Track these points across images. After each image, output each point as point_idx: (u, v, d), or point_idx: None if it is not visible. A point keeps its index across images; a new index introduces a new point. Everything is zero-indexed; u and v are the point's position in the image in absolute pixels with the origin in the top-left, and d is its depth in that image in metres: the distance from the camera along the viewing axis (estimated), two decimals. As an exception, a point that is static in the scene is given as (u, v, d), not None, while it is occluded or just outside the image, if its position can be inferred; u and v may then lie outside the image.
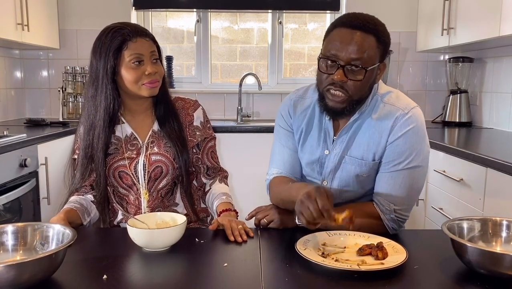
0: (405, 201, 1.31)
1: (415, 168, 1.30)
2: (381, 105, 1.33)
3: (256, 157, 2.42)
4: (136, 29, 1.39)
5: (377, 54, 1.26)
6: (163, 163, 1.45)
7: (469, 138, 2.74)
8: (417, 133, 1.30)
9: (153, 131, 1.49)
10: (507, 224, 1.13)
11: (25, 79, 3.56)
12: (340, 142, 1.36)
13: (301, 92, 1.49)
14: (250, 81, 3.66)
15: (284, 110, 1.48)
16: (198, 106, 1.56)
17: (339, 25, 1.26)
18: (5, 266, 0.86)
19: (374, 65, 1.25)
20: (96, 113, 1.41)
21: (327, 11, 3.64)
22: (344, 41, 1.22)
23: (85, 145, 1.44)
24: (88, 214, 1.44)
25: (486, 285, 0.97)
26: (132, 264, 1.10)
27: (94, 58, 1.40)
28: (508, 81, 2.88)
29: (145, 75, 1.39)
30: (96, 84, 1.40)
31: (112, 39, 1.37)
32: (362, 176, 1.35)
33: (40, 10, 3.13)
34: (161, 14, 3.76)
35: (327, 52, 1.25)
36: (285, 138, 1.46)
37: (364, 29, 1.23)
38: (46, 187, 2.54)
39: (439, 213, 2.34)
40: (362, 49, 1.22)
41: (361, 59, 1.22)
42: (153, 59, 1.41)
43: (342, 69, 1.22)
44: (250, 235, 1.25)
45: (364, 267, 1.02)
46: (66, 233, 1.04)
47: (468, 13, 2.74)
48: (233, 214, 1.39)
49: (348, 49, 1.22)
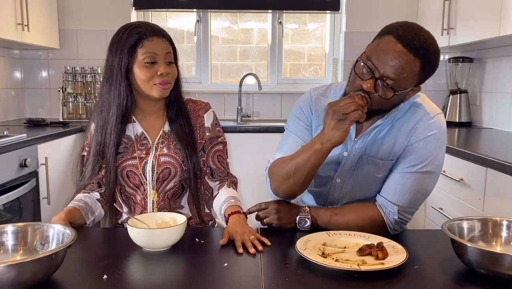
0: (411, 204, 1.30)
1: (428, 173, 1.30)
2: (407, 107, 1.32)
3: (256, 157, 2.42)
4: (153, 29, 1.40)
5: (415, 80, 1.20)
6: (171, 165, 1.45)
7: (469, 138, 2.74)
8: (438, 139, 1.29)
9: (163, 132, 1.49)
10: (507, 224, 1.13)
11: (25, 79, 3.56)
12: (360, 143, 1.34)
13: (322, 91, 1.44)
14: (250, 81, 3.66)
15: (305, 106, 1.43)
16: (209, 108, 1.55)
17: (394, 34, 1.17)
18: (5, 266, 0.86)
19: (406, 89, 1.20)
20: (109, 109, 1.42)
21: (327, 11, 3.64)
22: (388, 55, 1.15)
23: (97, 140, 1.44)
24: (92, 212, 1.43)
25: (486, 285, 0.97)
26: (132, 264, 1.10)
27: (110, 54, 1.41)
28: (508, 81, 2.88)
29: (157, 75, 1.39)
30: (110, 81, 1.41)
31: (128, 36, 1.38)
32: (377, 176, 1.34)
33: (40, 10, 3.13)
34: (161, 14, 3.76)
35: (368, 58, 1.19)
36: (301, 133, 1.41)
37: (414, 52, 1.15)
38: (46, 187, 2.54)
39: (439, 213, 2.34)
40: (401, 71, 1.16)
41: (395, 81, 1.16)
42: (167, 61, 1.41)
43: (374, 81, 1.18)
44: (267, 244, 1.17)
45: (364, 267, 1.02)
46: (66, 233, 1.04)
47: (468, 13, 2.74)
48: (242, 216, 1.31)
49: (388, 65, 1.15)
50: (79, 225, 1.36)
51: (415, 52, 1.15)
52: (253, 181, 2.32)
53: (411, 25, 1.19)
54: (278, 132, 2.98)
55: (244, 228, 1.22)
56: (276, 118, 3.65)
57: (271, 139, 2.91)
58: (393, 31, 1.18)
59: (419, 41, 1.16)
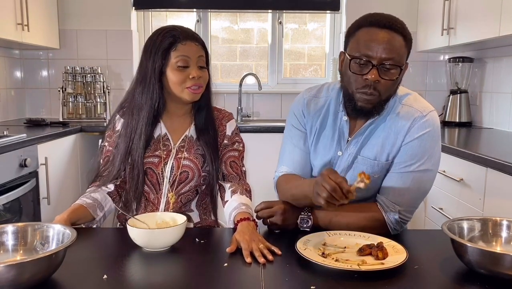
0: (410, 203, 1.31)
1: (426, 171, 1.30)
2: (399, 107, 1.33)
3: (256, 157, 2.42)
4: (187, 33, 1.42)
5: (405, 53, 1.26)
6: (190, 169, 1.46)
7: (469, 138, 2.74)
8: (433, 137, 1.30)
9: (186, 136, 1.50)
10: (507, 224, 1.13)
11: (25, 79, 3.56)
12: (355, 143, 1.35)
13: (314, 92, 1.46)
14: (250, 81, 3.66)
15: (297, 109, 1.46)
16: (232, 118, 1.57)
17: (366, 25, 1.25)
18: (5, 266, 0.86)
19: (403, 65, 1.26)
20: (141, 110, 1.44)
21: (327, 11, 3.64)
22: (375, 41, 1.22)
23: (125, 140, 1.45)
24: (102, 208, 1.42)
25: (486, 285, 0.97)
26: (132, 264, 1.10)
27: (144, 57, 1.43)
28: (508, 81, 2.88)
29: (189, 79, 1.40)
30: (144, 83, 1.43)
31: (162, 39, 1.40)
32: (374, 176, 1.34)
33: (40, 10, 3.13)
34: (161, 14, 3.76)
35: (357, 53, 1.24)
36: (297, 139, 1.44)
37: (392, 29, 1.23)
38: (46, 187, 2.54)
39: (439, 213, 2.34)
40: (393, 48, 1.22)
41: (393, 59, 1.22)
42: (199, 65, 1.43)
43: (376, 69, 1.22)
44: (277, 253, 1.12)
45: (364, 267, 1.02)
46: (66, 233, 1.04)
47: (468, 13, 2.74)
48: (252, 224, 1.26)
49: (380, 49, 1.21)
50: (86, 222, 1.37)
51: (392, 28, 1.23)
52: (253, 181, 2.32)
53: (373, 13, 1.29)
54: (278, 132, 2.97)
55: (253, 236, 1.18)
56: (276, 118, 3.65)
57: (271, 140, 2.91)
58: (363, 23, 1.26)
59: (388, 19, 1.25)
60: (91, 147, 3.12)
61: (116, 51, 3.48)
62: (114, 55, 3.49)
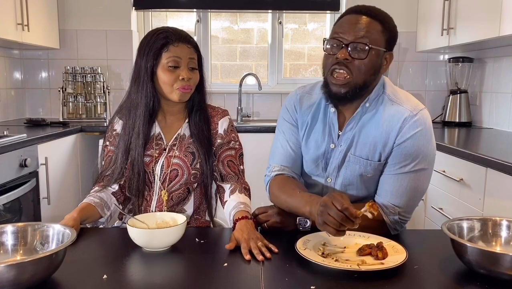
0: (409, 203, 1.31)
1: (421, 171, 1.30)
2: (389, 104, 1.33)
3: (256, 157, 2.42)
4: (180, 35, 1.44)
5: (382, 39, 1.28)
6: (179, 166, 1.47)
7: (469, 138, 2.74)
8: (425, 136, 1.30)
9: (178, 134, 1.51)
10: (507, 224, 1.13)
11: (25, 79, 3.56)
12: (346, 138, 1.35)
13: (308, 89, 1.48)
14: (250, 81, 3.66)
15: (289, 104, 1.48)
16: (225, 115, 1.57)
17: (347, 12, 1.31)
18: (5, 266, 0.86)
19: (379, 47, 1.26)
20: (137, 109, 1.46)
21: (327, 11, 3.64)
22: (350, 24, 1.26)
23: (124, 139, 1.47)
24: (108, 207, 1.44)
25: (486, 285, 0.97)
26: (132, 264, 1.10)
27: (138, 56, 1.46)
28: (508, 81, 2.88)
29: (179, 80, 1.42)
30: (138, 82, 1.46)
31: (155, 39, 1.43)
32: (366, 175, 1.34)
33: (40, 10, 3.13)
34: (161, 14, 3.76)
35: (332, 35, 1.29)
36: (289, 133, 1.46)
37: (369, 14, 1.27)
38: (46, 187, 2.54)
39: (439, 213, 2.34)
40: (366, 29, 1.25)
41: (364, 38, 1.24)
42: (190, 66, 1.44)
43: (346, 48, 1.25)
44: (274, 251, 1.14)
45: (364, 267, 1.02)
46: (66, 233, 1.04)
47: (468, 13, 2.74)
48: (250, 222, 1.28)
49: (352, 30, 1.25)
50: (96, 220, 1.40)
51: (371, 14, 1.27)
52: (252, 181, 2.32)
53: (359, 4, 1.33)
54: (278, 132, 2.97)
55: (251, 234, 1.20)
56: (276, 118, 3.63)
57: (271, 140, 2.91)
58: (346, 12, 1.32)
59: (370, 7, 1.29)
60: (91, 147, 3.12)
61: (116, 51, 3.48)
62: (114, 55, 3.49)
